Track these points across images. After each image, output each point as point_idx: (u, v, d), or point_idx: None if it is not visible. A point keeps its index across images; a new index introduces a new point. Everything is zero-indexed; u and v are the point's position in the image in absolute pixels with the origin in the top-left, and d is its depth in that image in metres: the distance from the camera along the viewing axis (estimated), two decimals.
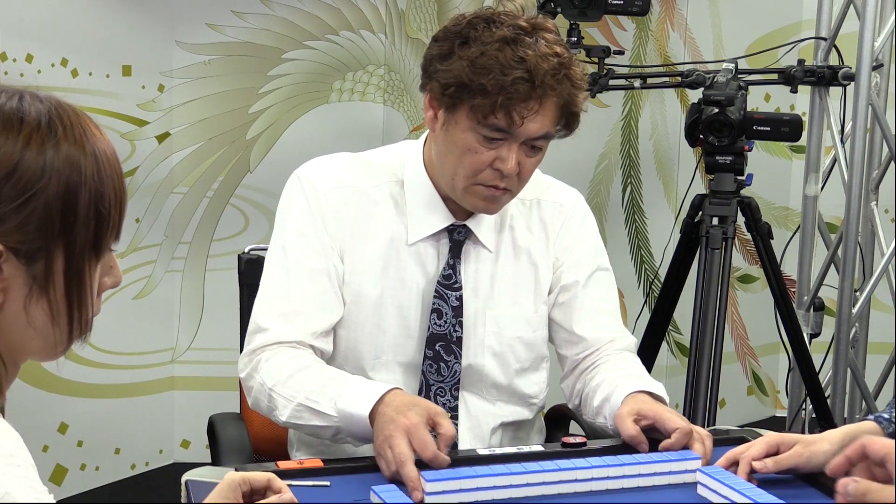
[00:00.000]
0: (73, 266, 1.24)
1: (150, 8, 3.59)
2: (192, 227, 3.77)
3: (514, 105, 1.93)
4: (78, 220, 1.22)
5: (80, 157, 1.22)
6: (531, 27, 1.98)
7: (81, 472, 3.64)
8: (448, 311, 2.08)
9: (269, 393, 1.98)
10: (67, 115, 1.24)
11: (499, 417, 2.11)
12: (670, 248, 3.45)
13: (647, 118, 4.13)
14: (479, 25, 1.97)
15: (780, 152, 4.30)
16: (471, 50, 1.94)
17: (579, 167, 3.99)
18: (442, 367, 2.08)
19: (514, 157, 1.97)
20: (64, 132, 1.22)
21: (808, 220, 3.71)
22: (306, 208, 2.08)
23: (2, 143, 1.19)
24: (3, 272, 1.20)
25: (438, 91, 1.98)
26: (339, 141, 3.65)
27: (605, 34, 3.97)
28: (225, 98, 3.73)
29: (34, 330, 1.25)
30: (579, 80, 2.00)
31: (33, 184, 1.19)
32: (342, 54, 3.77)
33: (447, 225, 2.08)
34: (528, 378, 2.15)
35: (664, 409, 1.91)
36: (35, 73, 3.33)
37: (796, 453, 1.74)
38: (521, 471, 1.71)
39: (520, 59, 1.92)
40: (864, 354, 3.78)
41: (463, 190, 2.02)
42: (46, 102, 1.24)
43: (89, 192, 1.22)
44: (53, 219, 1.21)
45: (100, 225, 1.24)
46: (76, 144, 1.22)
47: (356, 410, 1.86)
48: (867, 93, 3.42)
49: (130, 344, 3.71)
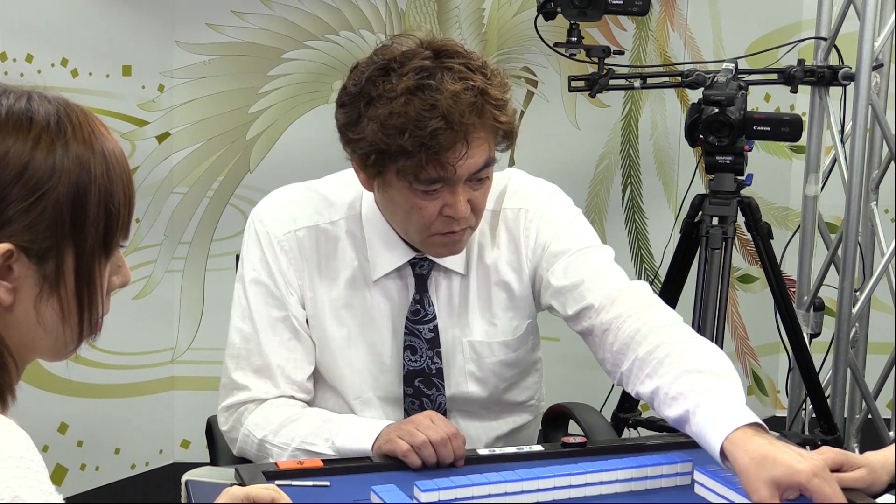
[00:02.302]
0: (84, 265, 1.24)
1: (150, 8, 3.59)
2: (192, 227, 3.77)
3: (441, 156, 1.81)
4: (88, 219, 1.22)
5: (90, 156, 1.22)
6: (433, 61, 1.83)
7: (81, 472, 3.64)
8: (423, 346, 2.02)
9: (257, 444, 1.97)
10: (76, 115, 1.24)
11: (495, 430, 2.10)
12: (670, 248, 3.45)
13: (647, 118, 4.13)
14: (379, 81, 1.84)
15: (780, 152, 4.30)
16: (378, 111, 1.82)
17: (579, 167, 3.99)
18: (425, 401, 2.04)
19: (461, 199, 1.87)
20: (73, 132, 1.22)
21: (808, 220, 3.71)
22: (261, 257, 2.02)
23: (11, 144, 1.19)
24: (13, 272, 1.20)
25: (360, 161, 1.89)
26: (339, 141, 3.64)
27: (605, 34, 3.96)
28: (225, 98, 3.73)
29: (44, 329, 1.25)
30: (500, 99, 1.86)
31: (43, 183, 1.19)
32: (342, 54, 3.77)
33: (408, 259, 2.01)
34: (517, 389, 2.12)
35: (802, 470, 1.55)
36: (35, 73, 3.33)
37: (860, 478, 1.67)
38: (516, 478, 1.70)
39: (430, 106, 1.79)
40: (864, 354, 3.78)
41: (421, 243, 1.95)
42: (55, 102, 1.24)
43: (99, 191, 1.23)
44: (64, 218, 1.21)
45: (109, 223, 1.25)
46: (85, 144, 1.23)
47: (357, 446, 1.86)
48: (867, 93, 3.42)
49: (130, 344, 3.70)
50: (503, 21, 3.92)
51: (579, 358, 3.84)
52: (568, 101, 3.96)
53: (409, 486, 1.69)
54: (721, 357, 1.82)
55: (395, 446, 1.80)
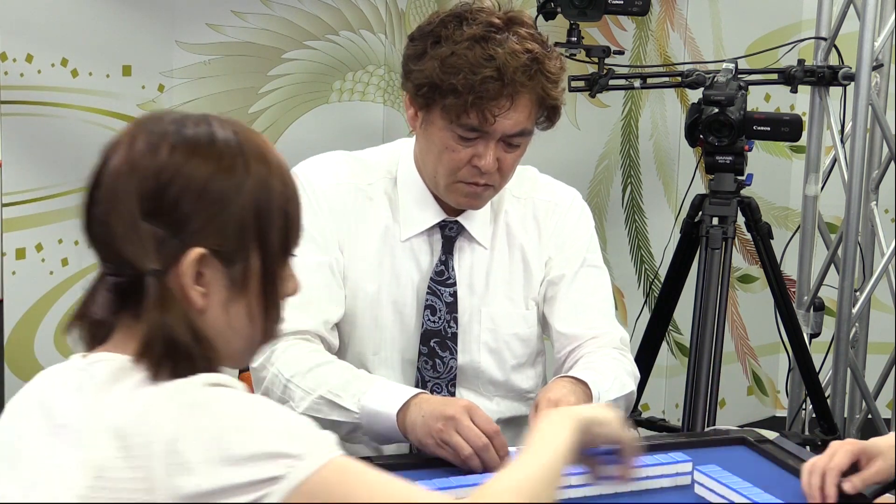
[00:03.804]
0: (268, 267, 1.34)
1: (150, 8, 3.59)
2: None
3: (485, 104, 1.93)
4: (271, 225, 1.33)
5: (267, 169, 1.34)
6: (504, 23, 1.97)
7: None
8: (442, 308, 2.08)
9: (284, 384, 1.97)
10: (250, 134, 1.37)
11: (496, 413, 2.10)
12: (670, 248, 3.45)
13: (647, 118, 4.13)
14: (451, 24, 1.97)
15: (780, 152, 4.30)
16: (442, 49, 1.95)
17: (579, 167, 3.99)
18: (437, 363, 2.08)
19: (491, 154, 1.97)
20: (250, 149, 1.34)
21: (808, 220, 3.71)
22: (306, 205, 2.05)
23: (200, 163, 1.30)
24: (205, 276, 1.29)
25: (413, 91, 2.00)
26: (339, 141, 3.63)
27: (605, 34, 3.96)
28: (225, 98, 3.72)
29: (234, 332, 1.33)
30: (555, 74, 1.99)
31: (229, 195, 1.30)
32: (342, 54, 3.77)
33: (438, 221, 2.09)
34: (524, 373, 2.16)
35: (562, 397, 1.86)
36: (35, 73, 3.34)
37: (880, 470, 1.64)
38: None
39: (489, 57, 1.92)
40: (864, 354, 3.78)
41: (445, 187, 2.04)
42: (230, 125, 1.36)
43: (279, 199, 1.34)
44: (249, 223, 1.31)
45: (289, 228, 1.36)
46: (262, 159, 1.34)
47: (383, 409, 1.88)
48: (867, 93, 3.42)
49: None
50: None
51: None
52: (568, 101, 3.95)
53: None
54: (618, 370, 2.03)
55: (436, 451, 1.82)
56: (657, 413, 4.00)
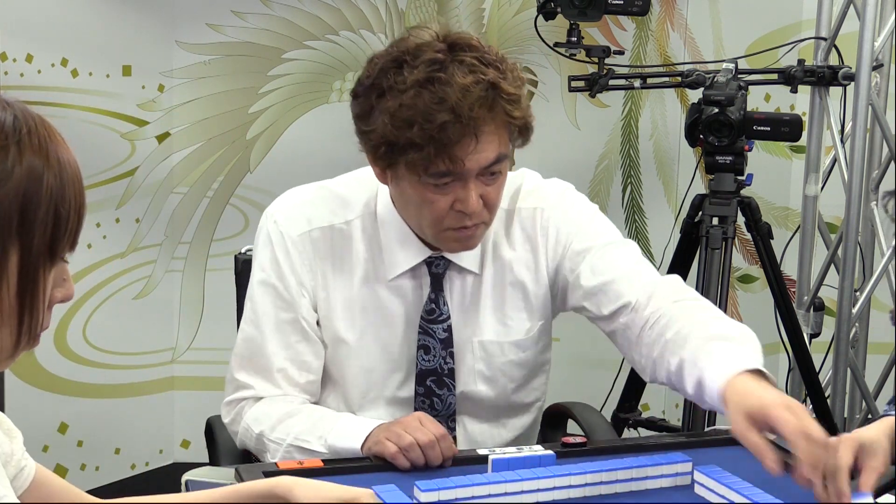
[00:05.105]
0: (28, 267, 1.24)
1: (150, 8, 3.59)
2: (192, 227, 3.77)
3: (449, 150, 1.80)
4: (36, 221, 1.23)
5: (42, 161, 1.24)
6: (446, 54, 1.82)
7: (81, 472, 3.64)
8: (436, 345, 2.01)
9: (255, 438, 1.97)
10: (32, 121, 1.26)
11: (499, 438, 2.08)
12: (670, 248, 3.45)
13: (647, 118, 4.13)
14: (391, 72, 1.83)
15: (780, 152, 4.30)
16: (388, 103, 1.81)
17: (579, 167, 3.99)
18: (435, 401, 2.03)
19: (472, 194, 1.85)
20: (28, 136, 1.24)
21: (808, 220, 3.71)
22: (272, 258, 2.01)
23: None
24: None
25: (371, 152, 1.88)
26: (339, 141, 3.62)
27: (605, 34, 3.96)
28: (225, 98, 3.72)
29: None
30: (514, 93, 1.85)
31: None
32: (342, 54, 3.77)
33: (423, 259, 2.00)
34: (526, 389, 2.11)
35: (771, 402, 1.63)
36: (35, 73, 3.34)
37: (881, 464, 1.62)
38: (516, 478, 1.70)
39: (440, 100, 1.78)
40: (864, 354, 3.78)
41: (434, 238, 1.95)
42: (11, 108, 1.26)
43: (49, 195, 1.24)
44: (11, 216, 1.22)
45: (58, 227, 1.25)
46: (39, 149, 1.24)
47: (348, 444, 1.86)
48: (867, 93, 3.42)
49: (130, 344, 3.70)
50: (503, 21, 3.92)
51: (579, 358, 3.85)
52: (568, 101, 3.96)
53: (410, 486, 1.69)
54: (742, 327, 1.85)
55: (383, 448, 1.81)
56: (657, 413, 4.00)
